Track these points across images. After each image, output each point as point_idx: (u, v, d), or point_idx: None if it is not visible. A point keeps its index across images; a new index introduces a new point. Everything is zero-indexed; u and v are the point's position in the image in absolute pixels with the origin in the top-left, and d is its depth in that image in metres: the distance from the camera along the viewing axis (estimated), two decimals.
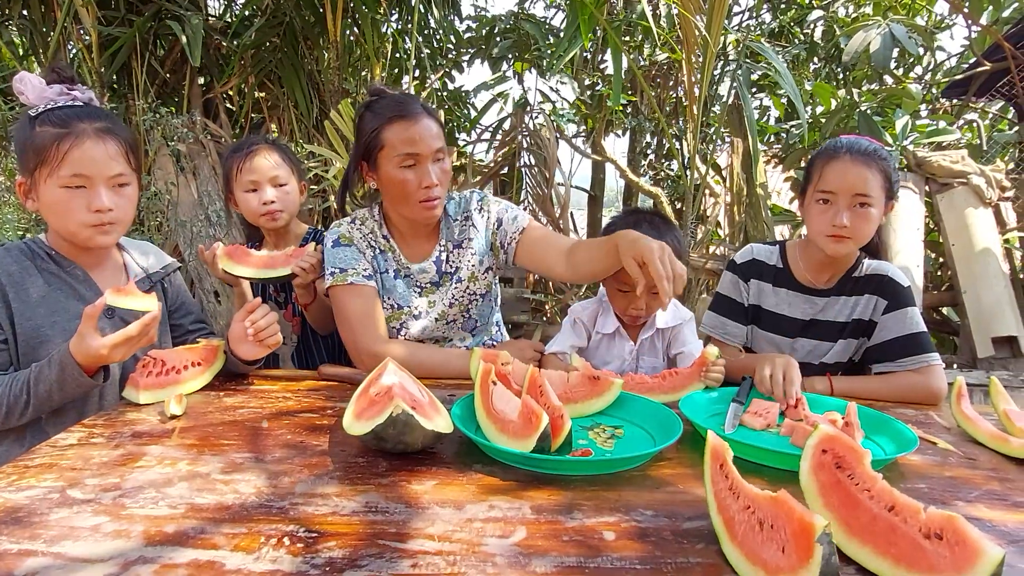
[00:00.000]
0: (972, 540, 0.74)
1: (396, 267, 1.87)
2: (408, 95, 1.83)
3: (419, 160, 1.71)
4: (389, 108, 1.74)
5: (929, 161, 3.73)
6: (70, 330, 1.37)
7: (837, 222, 1.67)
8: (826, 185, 1.69)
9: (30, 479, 1.03)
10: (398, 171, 1.72)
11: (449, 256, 1.91)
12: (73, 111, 1.46)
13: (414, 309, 1.86)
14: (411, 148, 1.70)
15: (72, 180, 1.42)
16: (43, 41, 3.75)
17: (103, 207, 1.45)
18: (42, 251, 1.52)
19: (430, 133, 1.72)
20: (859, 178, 1.66)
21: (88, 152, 1.43)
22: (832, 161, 1.70)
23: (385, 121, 1.72)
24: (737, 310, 1.89)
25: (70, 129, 1.42)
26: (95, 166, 1.44)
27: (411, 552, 0.84)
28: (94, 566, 0.79)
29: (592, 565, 0.82)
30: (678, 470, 1.13)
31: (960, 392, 1.45)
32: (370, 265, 1.82)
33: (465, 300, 1.92)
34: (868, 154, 1.68)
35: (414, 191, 1.73)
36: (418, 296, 1.88)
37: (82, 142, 1.42)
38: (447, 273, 1.90)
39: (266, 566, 0.80)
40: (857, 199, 1.66)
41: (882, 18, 4.27)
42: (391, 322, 1.86)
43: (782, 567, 0.75)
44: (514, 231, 1.89)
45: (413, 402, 1.16)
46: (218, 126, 3.78)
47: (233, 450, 1.17)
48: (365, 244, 1.85)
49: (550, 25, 5.18)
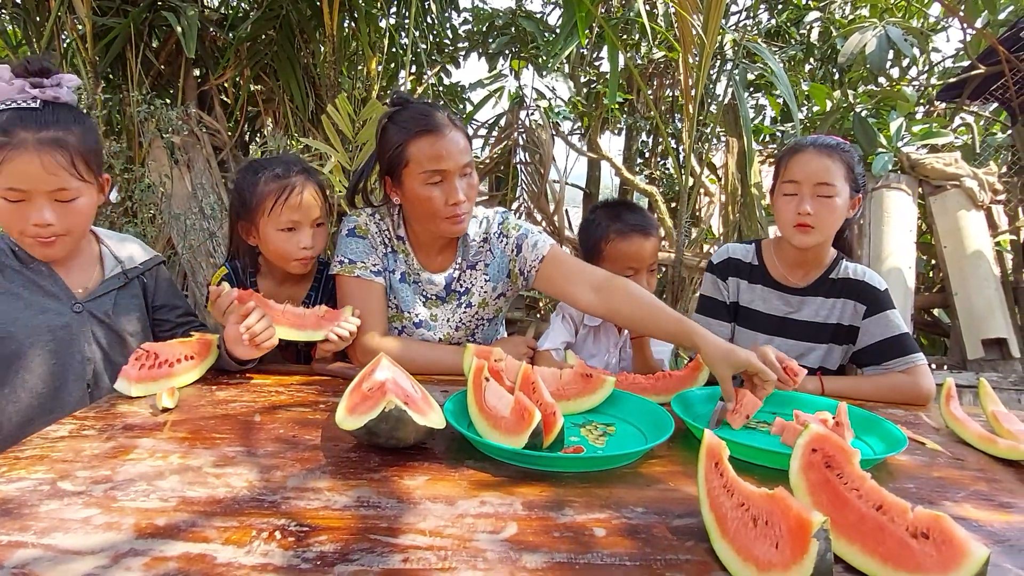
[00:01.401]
0: (958, 539, 0.75)
1: (405, 270, 1.83)
2: (433, 106, 1.74)
3: (446, 176, 1.65)
4: (413, 121, 1.66)
5: (922, 163, 3.75)
6: (34, 325, 1.36)
7: (801, 210, 1.72)
8: (790, 175, 1.77)
9: (20, 471, 1.02)
10: (424, 188, 1.66)
11: (462, 276, 1.86)
12: (20, 116, 1.36)
13: (415, 316, 1.83)
14: (437, 165, 1.64)
15: (9, 193, 1.36)
16: (37, 31, 3.72)
17: (42, 222, 1.39)
18: (8, 247, 1.49)
19: (457, 148, 1.66)
20: (821, 167, 1.73)
21: (24, 166, 1.34)
22: (797, 154, 1.78)
23: (410, 136, 1.65)
24: (720, 309, 1.92)
25: (9, 138, 1.34)
26: (31, 181, 1.36)
27: (402, 547, 0.84)
28: (84, 558, 0.79)
29: (582, 561, 0.82)
30: (669, 468, 1.14)
31: (949, 393, 1.46)
32: (380, 261, 1.79)
33: (472, 325, 1.89)
34: (831, 147, 1.75)
35: (440, 208, 1.67)
36: (422, 305, 1.84)
37: (19, 154, 1.34)
38: (455, 292, 1.86)
39: (257, 559, 0.80)
40: (820, 188, 1.73)
41: (878, 20, 4.28)
42: (393, 322, 1.83)
43: (774, 563, 0.75)
44: (534, 259, 1.80)
45: (406, 398, 1.16)
46: (213, 119, 3.77)
47: (225, 444, 1.16)
48: (379, 239, 1.81)
49: (546, 23, 5.17)
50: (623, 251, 1.90)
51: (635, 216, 1.90)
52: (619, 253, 1.91)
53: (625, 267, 1.89)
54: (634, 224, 1.88)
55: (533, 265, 1.81)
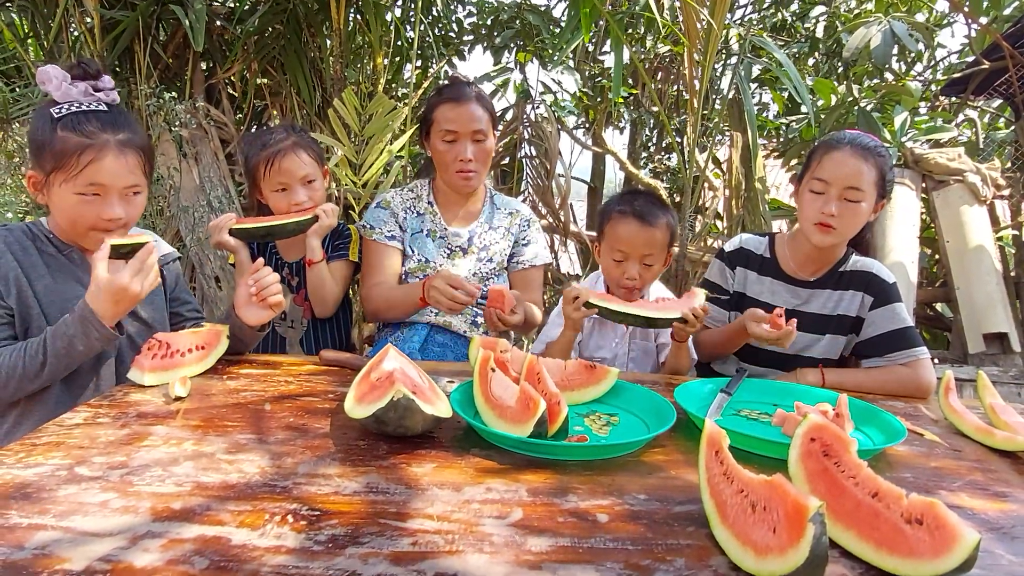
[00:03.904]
0: (950, 525, 0.77)
1: (431, 227, 2.16)
2: (466, 82, 2.14)
3: (458, 137, 2.03)
4: (445, 91, 2.06)
5: (926, 158, 3.75)
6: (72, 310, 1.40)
7: (826, 210, 1.71)
8: (821, 173, 1.74)
9: (38, 456, 1.05)
10: (441, 144, 2.05)
11: (484, 234, 2.18)
12: (97, 119, 1.47)
13: (438, 265, 2.12)
14: (451, 126, 2.02)
15: (88, 189, 1.46)
16: (44, 24, 3.74)
17: (114, 216, 1.49)
18: (42, 234, 1.54)
19: (471, 116, 2.02)
20: (854, 170, 1.70)
21: (107, 166, 1.46)
22: (832, 151, 1.74)
23: (438, 101, 2.06)
24: (721, 295, 1.94)
25: (93, 141, 1.44)
26: (113, 178, 1.47)
27: (411, 531, 0.86)
28: (103, 540, 0.81)
29: (585, 545, 0.85)
30: (671, 456, 1.16)
31: (948, 386, 1.48)
32: (398, 226, 2.15)
33: (487, 276, 2.16)
34: (867, 149, 1.72)
35: (451, 163, 2.05)
36: (445, 257, 2.15)
37: (103, 156, 1.45)
38: (475, 246, 2.16)
39: (271, 542, 0.82)
40: (849, 192, 1.70)
41: (883, 15, 4.28)
42: (416, 273, 2.11)
43: (772, 547, 0.78)
44: (524, 261, 2.20)
45: (414, 387, 1.19)
46: (220, 112, 3.78)
47: (237, 431, 1.19)
48: (401, 208, 2.17)
49: (552, 16, 5.17)
50: (615, 232, 1.87)
51: (642, 202, 1.86)
52: (612, 234, 1.87)
53: (615, 250, 1.86)
54: (637, 209, 1.85)
55: (519, 263, 2.20)
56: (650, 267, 1.86)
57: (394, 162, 3.50)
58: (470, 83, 2.13)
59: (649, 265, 1.85)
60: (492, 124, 2.10)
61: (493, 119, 2.11)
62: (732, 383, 1.51)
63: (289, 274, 2.15)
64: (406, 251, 2.15)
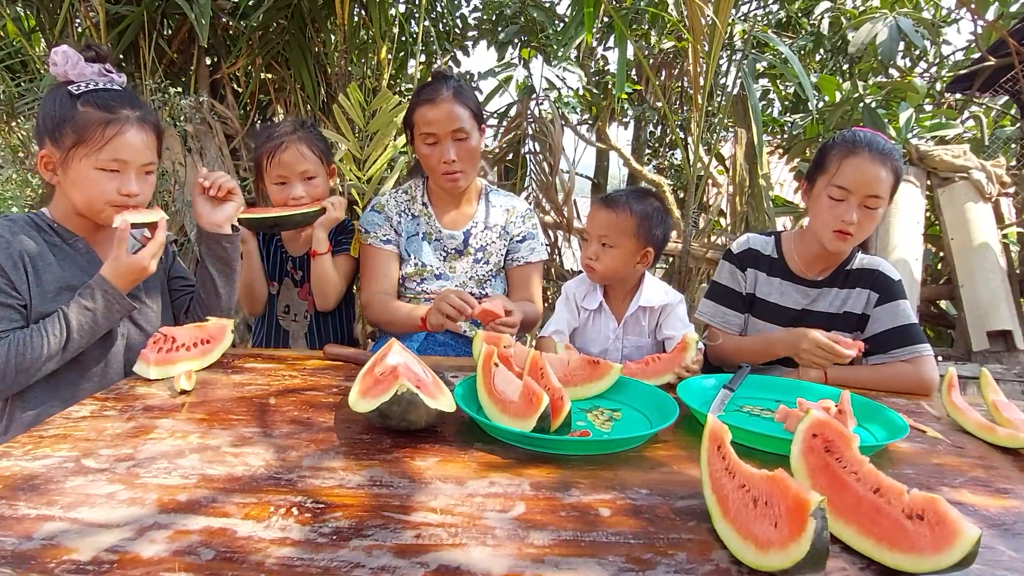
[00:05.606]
0: (951, 520, 0.78)
1: (427, 230, 2.13)
2: (441, 79, 2.04)
3: (438, 139, 1.98)
4: (422, 92, 2.01)
5: (931, 155, 3.74)
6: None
7: (847, 219, 1.69)
8: (843, 180, 1.70)
9: (45, 448, 1.06)
10: (423, 147, 2.02)
11: (480, 234, 2.15)
12: (118, 96, 1.51)
13: (435, 269, 2.10)
14: (430, 128, 1.97)
15: (110, 164, 1.48)
16: (50, 18, 3.74)
17: (132, 192, 1.52)
18: (46, 224, 1.55)
19: (449, 115, 1.95)
20: (875, 177, 1.68)
21: (131, 140, 1.49)
22: (851, 156, 1.70)
23: (416, 103, 2.01)
24: (735, 299, 1.93)
25: (116, 115, 1.48)
26: (134, 154, 1.51)
27: (414, 524, 0.87)
28: (111, 531, 0.82)
29: (588, 539, 0.85)
30: (673, 452, 1.17)
31: (951, 383, 1.48)
32: (393, 230, 2.12)
33: (484, 279, 2.13)
34: (885, 153, 1.69)
35: (435, 165, 2.01)
36: (441, 260, 2.12)
37: (127, 130, 1.49)
38: (472, 247, 2.13)
39: (276, 534, 0.83)
40: (869, 199, 1.69)
41: (889, 11, 4.27)
42: (414, 278, 2.10)
43: (773, 541, 0.78)
44: (521, 257, 2.17)
45: (418, 382, 1.19)
46: (225, 107, 3.79)
47: (242, 425, 1.20)
48: (395, 211, 2.14)
49: (556, 12, 5.16)
50: (590, 217, 1.92)
51: (623, 191, 1.89)
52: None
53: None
54: (609, 196, 1.87)
55: (515, 260, 2.17)
56: (609, 247, 1.84)
57: (398, 158, 3.50)
58: (449, 77, 2.06)
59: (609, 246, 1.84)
60: (476, 119, 2.04)
61: (476, 114, 2.04)
62: (735, 379, 1.51)
63: (293, 268, 2.16)
64: (402, 255, 2.13)
